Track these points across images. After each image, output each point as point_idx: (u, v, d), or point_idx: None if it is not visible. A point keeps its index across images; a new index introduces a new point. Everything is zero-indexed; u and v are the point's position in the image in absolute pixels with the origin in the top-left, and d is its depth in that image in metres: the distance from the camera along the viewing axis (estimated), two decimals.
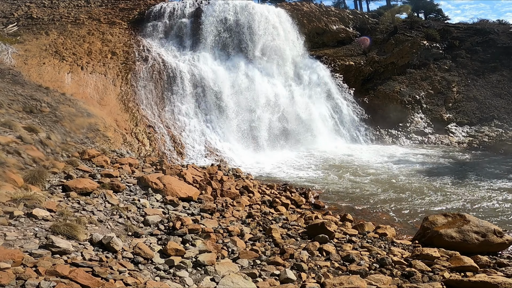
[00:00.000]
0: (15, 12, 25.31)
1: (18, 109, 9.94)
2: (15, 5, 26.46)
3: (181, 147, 17.46)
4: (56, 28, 23.23)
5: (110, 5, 27.09)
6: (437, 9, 45.08)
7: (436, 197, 11.74)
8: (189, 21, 25.36)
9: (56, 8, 26.09)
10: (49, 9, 25.91)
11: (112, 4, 27.20)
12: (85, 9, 26.39)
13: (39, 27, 23.42)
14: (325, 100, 25.62)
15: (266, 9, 27.20)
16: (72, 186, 7.25)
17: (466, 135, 24.34)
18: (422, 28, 31.98)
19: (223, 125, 20.19)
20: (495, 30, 32.06)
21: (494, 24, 35.68)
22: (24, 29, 23.00)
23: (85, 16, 25.17)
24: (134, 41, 22.81)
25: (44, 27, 23.27)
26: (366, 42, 30.18)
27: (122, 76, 19.59)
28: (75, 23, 24.14)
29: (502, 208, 10.60)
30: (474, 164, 17.71)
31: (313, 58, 27.97)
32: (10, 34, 21.92)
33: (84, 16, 25.16)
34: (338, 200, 11.67)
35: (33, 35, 22.12)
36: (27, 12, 25.40)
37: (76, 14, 25.52)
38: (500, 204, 10.97)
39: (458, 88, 27.60)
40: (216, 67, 22.73)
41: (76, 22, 24.34)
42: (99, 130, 12.54)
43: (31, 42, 20.97)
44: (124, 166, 10.58)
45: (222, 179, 12.10)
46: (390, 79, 28.02)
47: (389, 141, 24.11)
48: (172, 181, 10.04)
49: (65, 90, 15.86)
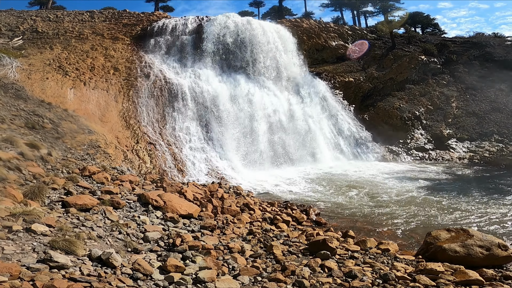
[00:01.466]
0: (21, 25, 25.61)
1: (20, 125, 10.00)
2: (21, 18, 26.80)
3: (181, 165, 17.44)
4: (61, 43, 23.50)
5: (113, 21, 27.49)
6: (433, 23, 45.98)
7: (438, 212, 11.62)
8: (190, 37, 25.76)
9: (61, 22, 26.45)
10: (54, 23, 26.26)
11: (116, 20, 27.61)
12: (89, 24, 26.75)
13: (43, 41, 23.69)
14: (326, 117, 25.75)
15: (267, 25, 27.66)
16: (72, 202, 7.22)
17: (466, 151, 24.32)
18: (419, 43, 32.50)
19: (224, 142, 20.19)
20: (491, 43, 32.59)
21: (489, 37, 36.30)
22: (29, 43, 23.25)
23: (89, 31, 25.52)
24: (137, 57, 23.06)
25: (49, 41, 23.54)
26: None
27: (124, 93, 19.74)
28: (79, 38, 24.45)
29: (505, 222, 10.49)
30: (475, 179, 17.66)
31: (313, 75, 28.26)
32: (15, 47, 22.09)
33: (88, 31, 25.51)
34: (339, 216, 11.56)
35: (38, 49, 22.33)
36: (32, 26, 25.71)
37: (81, 28, 25.88)
38: (503, 218, 10.86)
39: (457, 103, 27.76)
40: (217, 84, 22.95)
41: (80, 37, 24.66)
42: (100, 147, 12.57)
43: (35, 56, 21.14)
44: (124, 183, 10.55)
45: (223, 197, 12.07)
46: (390, 95, 28.23)
47: (390, 157, 24.08)
48: (173, 198, 10.01)
49: (67, 106, 15.97)
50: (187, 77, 22.67)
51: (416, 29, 43.93)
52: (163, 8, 49.10)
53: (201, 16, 28.09)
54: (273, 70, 25.67)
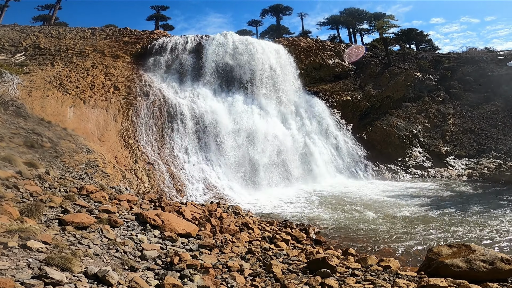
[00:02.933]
0: (24, 41, 25.80)
1: (19, 143, 10.00)
2: (24, 33, 27.02)
3: (180, 185, 17.34)
4: (62, 60, 23.60)
5: (114, 38, 27.77)
6: (427, 39, 46.88)
7: (439, 228, 11.55)
8: (190, 56, 26.04)
9: (63, 39, 26.68)
10: (56, 39, 26.50)
11: (117, 37, 27.90)
12: (90, 41, 27.00)
13: (45, 57, 23.80)
14: (324, 136, 25.81)
15: (265, 44, 28.02)
16: (69, 220, 7.15)
17: (465, 168, 24.33)
18: (414, 60, 33.02)
19: (222, 162, 20.14)
20: (484, 58, 33.12)
21: (482, 52, 36.93)
22: (31, 59, 23.32)
23: (90, 48, 25.72)
24: (136, 76, 23.22)
25: (50, 58, 23.65)
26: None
27: (123, 112, 19.80)
28: (80, 55, 24.62)
29: (507, 236, 10.44)
30: (475, 196, 17.62)
31: (311, 94, 28.51)
32: (17, 63, 22.12)
33: (89, 48, 25.71)
34: (339, 235, 11.45)
35: (39, 66, 22.39)
36: (35, 42, 25.90)
37: (82, 46, 26.08)
38: (504, 233, 10.82)
39: (453, 120, 27.97)
40: (216, 104, 23.07)
41: (81, 54, 24.84)
42: (98, 166, 12.53)
43: (36, 73, 21.16)
44: (122, 202, 10.49)
45: (222, 216, 12.02)
46: (387, 113, 28.44)
47: (388, 176, 24.04)
48: (171, 218, 9.95)
49: (67, 124, 15.98)
50: (186, 97, 22.83)
51: (411, 45, 44.79)
52: (163, 27, 49.94)
53: (200, 35, 28.43)
54: (272, 89, 25.90)
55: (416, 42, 45.56)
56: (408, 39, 43.74)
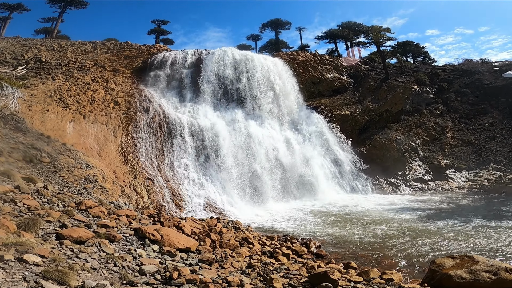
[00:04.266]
0: (26, 54, 25.95)
1: (18, 158, 9.98)
2: (27, 46, 27.25)
3: (179, 200, 17.23)
4: (63, 74, 23.65)
5: (115, 52, 27.99)
6: (423, 52, 47.50)
7: (441, 240, 11.44)
8: (189, 71, 26.21)
9: (65, 52, 26.88)
10: (58, 52, 26.69)
11: (118, 51, 28.12)
12: (91, 54, 27.21)
13: (46, 71, 23.84)
14: (324, 151, 25.79)
15: (264, 60, 28.26)
16: (67, 234, 7.05)
17: (465, 180, 24.25)
18: (411, 73, 33.36)
19: (222, 178, 20.06)
20: (479, 69, 33.50)
21: (478, 64, 37.28)
22: (32, 73, 23.35)
23: (91, 62, 25.86)
24: (136, 90, 23.30)
25: (51, 72, 23.70)
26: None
27: (123, 127, 19.80)
28: (81, 69, 24.71)
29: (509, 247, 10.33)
30: (476, 207, 17.55)
31: (310, 109, 28.62)
32: (18, 77, 22.10)
33: (90, 62, 25.85)
34: (340, 248, 11.31)
35: (40, 80, 22.41)
36: (36, 55, 26.05)
37: (83, 59, 26.23)
38: (507, 243, 10.72)
39: (452, 133, 28.05)
40: (216, 119, 23.13)
41: (82, 68, 24.95)
42: (97, 181, 12.47)
43: (37, 87, 21.16)
44: (121, 217, 10.41)
45: (221, 231, 11.92)
46: (386, 127, 28.55)
47: (389, 189, 23.93)
48: (170, 233, 9.85)
49: (66, 140, 15.96)
50: (186, 112, 22.93)
51: (408, 58, 45.37)
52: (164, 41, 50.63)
53: (200, 49, 28.66)
54: (271, 105, 26.01)
55: (412, 54, 46.23)
56: (405, 51, 44.37)
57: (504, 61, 37.17)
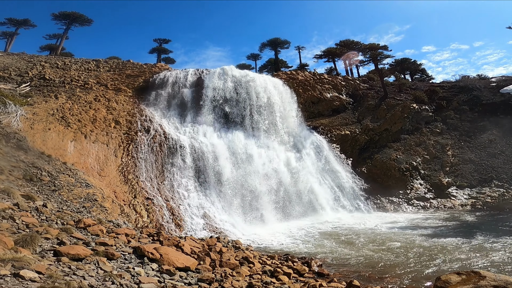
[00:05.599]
0: (30, 71, 26.17)
1: (18, 176, 9.95)
2: (31, 63, 27.52)
3: (179, 219, 17.05)
4: (66, 92, 23.79)
5: (117, 71, 28.25)
6: (421, 69, 47.94)
7: (445, 257, 11.27)
8: (190, 91, 26.41)
9: (68, 70, 27.12)
10: (62, 70, 26.93)
11: (120, 70, 28.37)
12: (94, 73, 27.44)
13: (49, 89, 23.98)
14: (324, 171, 25.67)
15: (264, 79, 28.46)
16: (65, 251, 6.95)
17: (468, 197, 24.01)
18: (410, 90, 33.58)
19: (222, 198, 19.95)
20: (477, 86, 33.69)
21: (475, 80, 37.46)
22: (35, 90, 23.48)
23: (93, 80, 26.07)
24: (138, 110, 23.42)
25: (54, 90, 23.83)
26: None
27: (123, 147, 19.82)
28: (84, 88, 24.90)
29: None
30: (480, 224, 17.38)
31: (310, 129, 28.66)
32: (22, 94, 22.18)
33: (93, 80, 26.06)
34: (343, 267, 11.11)
35: (43, 98, 22.52)
36: (40, 72, 26.26)
37: (86, 78, 26.43)
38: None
39: (452, 151, 27.97)
40: (216, 140, 23.17)
41: (85, 86, 25.15)
42: (97, 200, 12.38)
43: (40, 105, 21.24)
44: (120, 235, 10.29)
45: (221, 251, 11.78)
46: (386, 146, 28.49)
47: (391, 208, 23.68)
48: (169, 252, 9.72)
49: (67, 159, 15.94)
50: (187, 133, 23.00)
51: (405, 76, 45.80)
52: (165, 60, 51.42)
53: (200, 68, 28.98)
54: (271, 125, 26.09)
55: (410, 72, 46.71)
56: (403, 69, 44.86)
57: (501, 77, 37.62)
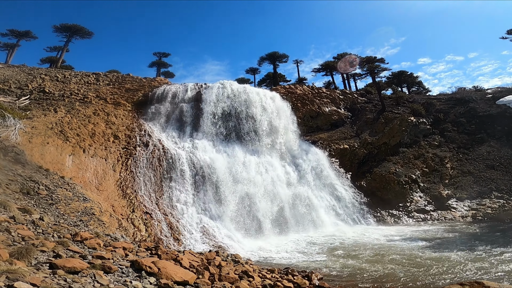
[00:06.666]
0: (30, 83, 26.11)
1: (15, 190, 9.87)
2: (32, 75, 27.48)
3: (178, 234, 16.88)
4: (65, 105, 23.72)
5: (117, 85, 28.25)
6: (417, 81, 48.37)
7: (448, 268, 11.13)
8: (189, 105, 26.45)
9: (68, 83, 27.07)
10: (61, 83, 26.88)
11: (119, 84, 28.37)
12: (94, 86, 27.42)
13: (49, 102, 23.92)
14: (323, 185, 25.59)
15: (263, 93, 28.56)
16: (60, 264, 6.83)
17: (468, 209, 23.84)
18: (407, 103, 33.77)
19: (221, 212, 19.81)
20: (473, 98, 33.89)
21: (471, 92, 37.76)
22: (35, 103, 23.39)
23: (93, 94, 26.02)
24: (137, 125, 23.40)
25: (54, 103, 23.76)
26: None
27: (122, 162, 19.73)
28: (83, 101, 24.85)
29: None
30: (481, 235, 17.25)
31: (309, 143, 28.67)
32: (21, 107, 22.10)
33: (92, 94, 26.02)
34: (343, 280, 10.94)
35: (42, 111, 22.42)
36: (40, 85, 26.21)
37: (85, 91, 26.39)
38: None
39: (451, 164, 27.93)
40: (215, 154, 23.11)
41: (84, 100, 25.10)
42: (94, 214, 12.26)
43: (39, 118, 21.14)
44: (117, 249, 10.15)
45: (221, 264, 11.65)
46: (385, 160, 28.47)
47: (391, 221, 23.48)
48: (168, 266, 9.59)
49: (65, 173, 15.84)
50: (185, 147, 22.94)
51: (403, 88, 46.19)
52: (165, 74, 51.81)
53: (200, 83, 29.03)
54: (270, 139, 26.08)
55: (407, 84, 47.15)
56: (400, 82, 45.28)
57: (496, 88, 38.02)
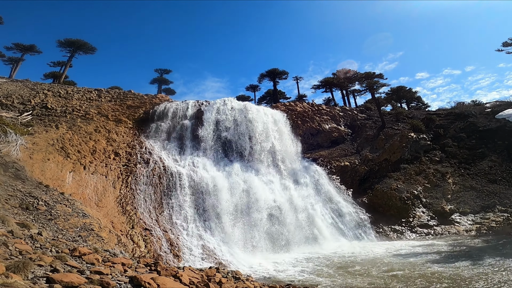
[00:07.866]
0: (33, 99, 26.19)
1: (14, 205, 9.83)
2: (34, 91, 27.60)
3: (177, 250, 16.68)
4: (67, 122, 23.73)
5: (118, 101, 28.38)
6: (416, 97, 48.65)
7: (454, 283, 10.94)
8: (190, 122, 26.57)
9: (70, 99, 27.18)
10: (64, 99, 26.99)
11: (121, 101, 28.51)
12: (95, 103, 27.55)
13: (51, 118, 23.93)
14: (325, 202, 25.44)
15: (263, 111, 28.73)
16: (58, 279, 6.73)
17: (472, 223, 23.51)
18: (407, 119, 33.84)
19: (221, 229, 19.70)
20: (472, 112, 33.93)
21: (470, 106, 37.88)
22: (37, 119, 23.40)
23: (94, 111, 26.10)
24: (137, 142, 23.44)
25: (56, 120, 23.78)
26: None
27: (122, 179, 19.70)
28: (85, 118, 24.91)
29: None
30: (487, 248, 16.98)
31: (310, 161, 28.62)
32: (23, 123, 22.13)
33: (94, 111, 26.09)
34: None
35: (44, 127, 22.41)
36: (43, 101, 26.26)
37: (87, 108, 26.49)
38: None
39: (453, 179, 27.73)
40: (215, 172, 23.09)
41: (86, 116, 25.17)
42: (94, 230, 12.15)
43: (40, 134, 21.13)
44: (116, 265, 10.01)
45: (221, 281, 11.45)
46: (386, 176, 28.32)
47: (394, 236, 23.17)
48: (167, 282, 9.43)
49: (65, 189, 15.80)
50: (186, 165, 22.94)
51: (402, 104, 46.41)
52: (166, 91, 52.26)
53: (200, 100, 29.30)
54: (271, 157, 26.09)
55: (406, 100, 47.47)
56: (399, 97, 45.58)
57: (494, 102, 38.16)
